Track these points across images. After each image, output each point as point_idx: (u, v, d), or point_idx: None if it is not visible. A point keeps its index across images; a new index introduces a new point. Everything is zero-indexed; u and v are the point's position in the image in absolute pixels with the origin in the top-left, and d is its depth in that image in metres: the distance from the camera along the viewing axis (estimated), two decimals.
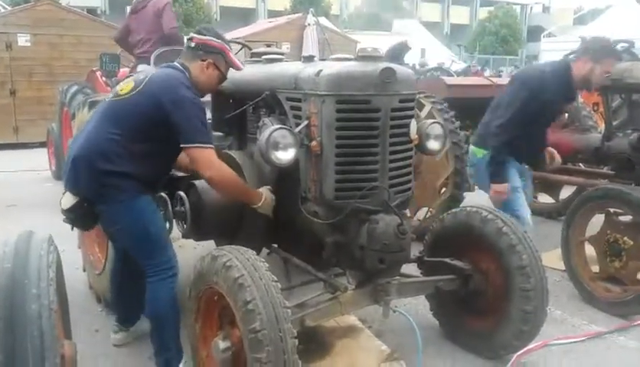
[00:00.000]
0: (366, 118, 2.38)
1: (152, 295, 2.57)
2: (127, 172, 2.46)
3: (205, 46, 2.62)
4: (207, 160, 2.45)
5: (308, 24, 12.84)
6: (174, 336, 2.62)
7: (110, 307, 3.33)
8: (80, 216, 2.56)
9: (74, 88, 6.90)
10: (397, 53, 2.97)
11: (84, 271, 3.75)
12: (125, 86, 2.58)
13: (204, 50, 2.62)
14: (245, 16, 32.19)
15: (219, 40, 2.64)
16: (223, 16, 33.05)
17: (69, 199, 2.52)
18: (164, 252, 2.58)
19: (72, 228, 2.72)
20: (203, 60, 2.62)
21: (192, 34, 2.66)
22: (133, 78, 2.63)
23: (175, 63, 2.65)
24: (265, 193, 2.62)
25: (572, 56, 3.69)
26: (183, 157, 2.68)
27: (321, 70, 2.40)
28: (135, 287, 2.93)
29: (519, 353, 2.86)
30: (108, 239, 3.05)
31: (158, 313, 2.58)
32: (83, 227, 2.74)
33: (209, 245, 3.49)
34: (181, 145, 2.48)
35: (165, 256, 2.58)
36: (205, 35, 2.64)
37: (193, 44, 2.63)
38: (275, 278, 2.11)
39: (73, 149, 2.55)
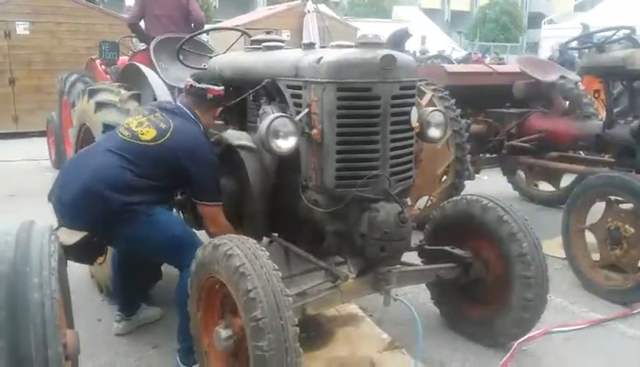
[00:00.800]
0: (367, 105, 2.36)
1: (183, 281, 2.55)
2: (145, 198, 2.52)
3: (219, 98, 2.82)
4: (212, 218, 2.68)
5: (308, 12, 12.77)
6: None
7: (112, 297, 3.34)
8: (88, 251, 2.57)
9: (74, 76, 6.87)
10: (398, 40, 2.94)
11: None
12: (145, 132, 2.61)
13: (218, 102, 2.84)
14: (244, 3, 31.97)
15: (218, 88, 2.81)
16: (222, 3, 32.86)
17: (72, 235, 2.46)
18: (194, 245, 2.55)
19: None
20: (206, 109, 2.80)
21: (205, 86, 2.76)
22: (153, 123, 2.65)
23: (191, 115, 2.74)
24: None
25: None
26: None
27: (321, 58, 2.38)
28: (135, 276, 2.94)
29: (520, 341, 2.87)
30: None
31: (185, 301, 2.53)
32: (90, 261, 2.77)
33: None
34: (193, 200, 2.69)
35: (197, 247, 2.55)
36: (214, 85, 2.79)
37: (210, 96, 2.77)
38: (277, 267, 2.11)
39: (78, 181, 2.50)
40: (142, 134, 2.60)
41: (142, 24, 5.15)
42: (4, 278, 1.63)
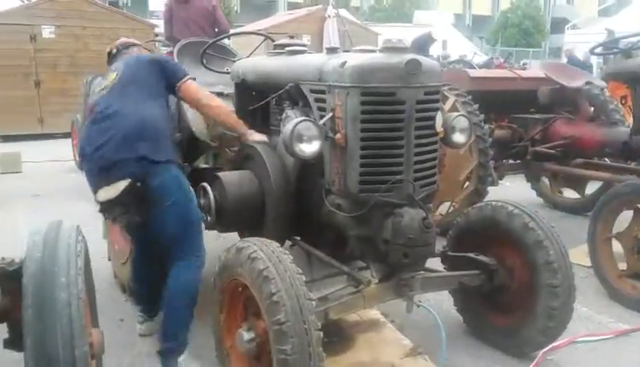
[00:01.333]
0: (391, 110, 2.35)
1: (175, 278, 2.60)
2: (167, 133, 2.72)
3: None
4: (195, 89, 2.91)
5: (329, 16, 12.81)
6: (183, 325, 2.63)
7: (134, 298, 3.36)
8: (132, 202, 2.54)
9: (98, 79, 6.96)
10: (422, 44, 2.93)
11: (109, 260, 3.79)
12: (109, 76, 2.86)
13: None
14: (265, 8, 32.20)
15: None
16: (243, 8, 33.14)
17: (114, 188, 2.48)
18: (199, 238, 2.66)
19: (121, 225, 2.81)
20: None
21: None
22: (111, 72, 2.93)
23: None
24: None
25: None
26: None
27: (345, 62, 2.38)
28: (156, 276, 2.95)
29: (545, 350, 2.81)
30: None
31: (182, 299, 2.60)
32: (137, 214, 2.61)
33: (231, 237, 3.51)
34: (176, 83, 2.86)
35: (199, 243, 2.67)
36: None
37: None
38: (300, 271, 2.11)
39: (114, 128, 2.57)
40: (108, 80, 2.85)
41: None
42: (32, 278, 1.65)
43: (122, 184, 2.49)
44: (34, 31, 10.22)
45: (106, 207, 2.58)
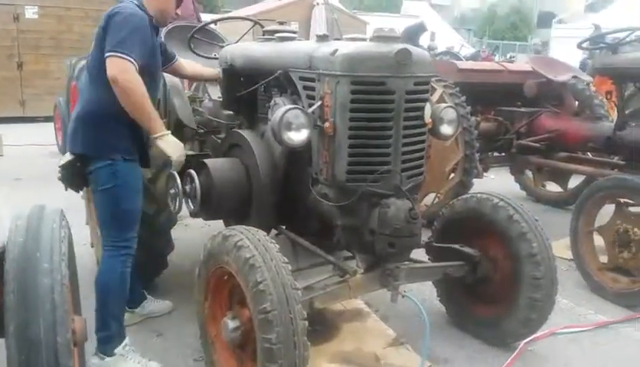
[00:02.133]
0: (380, 100, 2.34)
1: (105, 267, 2.59)
2: (118, 121, 2.49)
3: None
4: (120, 65, 2.36)
5: (317, 4, 12.73)
6: (115, 316, 2.60)
7: None
8: (71, 174, 2.63)
9: (82, 62, 6.80)
10: (413, 34, 2.90)
11: (92, 246, 3.75)
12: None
13: None
14: None
15: None
16: None
17: (65, 157, 2.60)
18: (128, 230, 2.58)
19: (65, 189, 2.79)
20: None
21: None
22: None
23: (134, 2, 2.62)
24: (172, 139, 2.59)
25: None
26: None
27: (336, 50, 2.36)
28: (133, 268, 2.90)
29: (526, 341, 2.86)
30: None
31: (105, 288, 2.58)
32: (74, 186, 2.77)
33: (216, 224, 3.49)
34: (105, 55, 2.40)
35: (128, 234, 2.59)
36: None
37: None
38: (286, 260, 2.11)
39: (74, 112, 2.63)
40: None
41: None
42: (14, 262, 1.62)
43: (66, 157, 2.60)
44: (17, 11, 10.00)
45: (59, 169, 2.65)
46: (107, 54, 2.38)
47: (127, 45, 2.39)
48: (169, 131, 2.60)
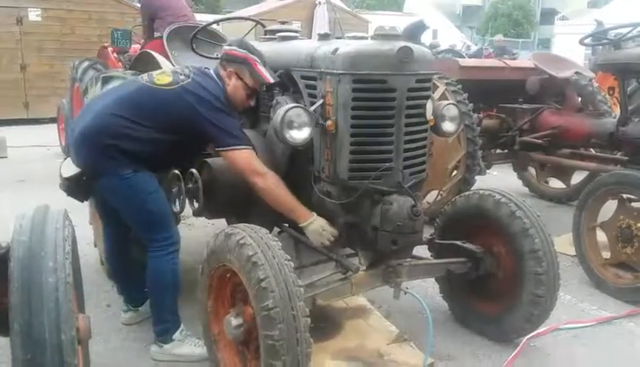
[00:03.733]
0: (382, 98, 2.35)
1: (152, 269, 2.62)
2: (132, 150, 2.50)
3: (227, 56, 2.64)
4: (247, 162, 2.48)
5: (319, 3, 12.73)
6: (171, 309, 2.70)
7: (117, 287, 3.34)
8: (78, 188, 2.62)
9: (85, 63, 6.88)
10: (414, 32, 2.89)
11: (95, 246, 3.77)
12: (161, 77, 2.60)
13: (227, 60, 2.64)
14: None
15: (243, 50, 2.61)
16: None
17: (69, 168, 2.58)
18: (166, 229, 2.62)
19: (67, 196, 2.77)
20: (225, 69, 2.64)
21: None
22: (172, 72, 2.66)
23: (212, 72, 2.66)
24: (317, 218, 2.51)
25: None
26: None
27: (337, 49, 2.37)
28: (132, 267, 2.93)
29: (528, 336, 2.86)
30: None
31: (157, 286, 2.64)
32: (78, 198, 2.77)
33: (219, 223, 3.50)
34: (217, 149, 2.55)
35: (167, 232, 2.62)
36: (231, 46, 2.65)
37: (217, 55, 2.69)
38: (289, 257, 2.12)
39: (79, 124, 2.58)
40: (159, 79, 2.59)
41: None
42: (19, 262, 1.63)
43: (71, 169, 2.57)
44: (20, 14, 10.03)
45: (61, 179, 2.63)
46: (225, 149, 2.49)
47: (240, 135, 2.53)
48: (312, 219, 2.51)
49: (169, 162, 2.77)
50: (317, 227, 2.50)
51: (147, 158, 2.55)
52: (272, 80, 2.61)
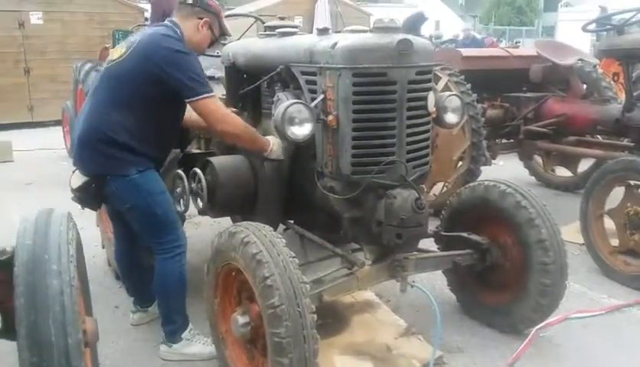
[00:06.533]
0: (383, 91, 2.33)
1: (160, 272, 2.62)
2: (131, 144, 2.49)
3: (203, 3, 2.60)
4: (214, 112, 2.47)
5: None
6: (179, 310, 2.71)
7: (125, 287, 3.35)
8: (89, 196, 2.60)
9: (88, 65, 6.84)
10: (413, 24, 2.87)
11: (103, 247, 3.79)
12: (115, 52, 2.58)
13: (202, 8, 2.61)
14: None
15: (216, 1, 2.62)
16: None
17: (78, 179, 2.56)
18: (172, 231, 2.61)
19: (82, 208, 2.75)
20: (200, 18, 2.60)
21: None
22: (127, 42, 2.59)
23: (165, 22, 2.62)
24: (272, 139, 2.63)
25: None
26: (188, 117, 2.72)
27: (336, 43, 2.35)
28: (141, 268, 2.95)
29: (538, 327, 2.85)
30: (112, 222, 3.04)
31: (165, 290, 2.66)
32: (91, 206, 2.76)
33: (226, 222, 3.51)
34: (186, 101, 2.48)
35: (173, 235, 2.62)
36: None
37: (190, 1, 2.60)
38: (293, 254, 2.11)
39: (76, 134, 2.59)
40: (112, 55, 2.55)
41: None
42: (23, 265, 1.63)
43: (79, 179, 2.56)
44: (22, 18, 10.05)
45: (72, 191, 2.61)
46: (194, 99, 2.42)
47: (203, 82, 2.46)
48: (272, 143, 2.62)
49: (165, 140, 2.71)
50: (277, 147, 2.63)
51: (145, 145, 2.52)
52: (231, 35, 2.72)
